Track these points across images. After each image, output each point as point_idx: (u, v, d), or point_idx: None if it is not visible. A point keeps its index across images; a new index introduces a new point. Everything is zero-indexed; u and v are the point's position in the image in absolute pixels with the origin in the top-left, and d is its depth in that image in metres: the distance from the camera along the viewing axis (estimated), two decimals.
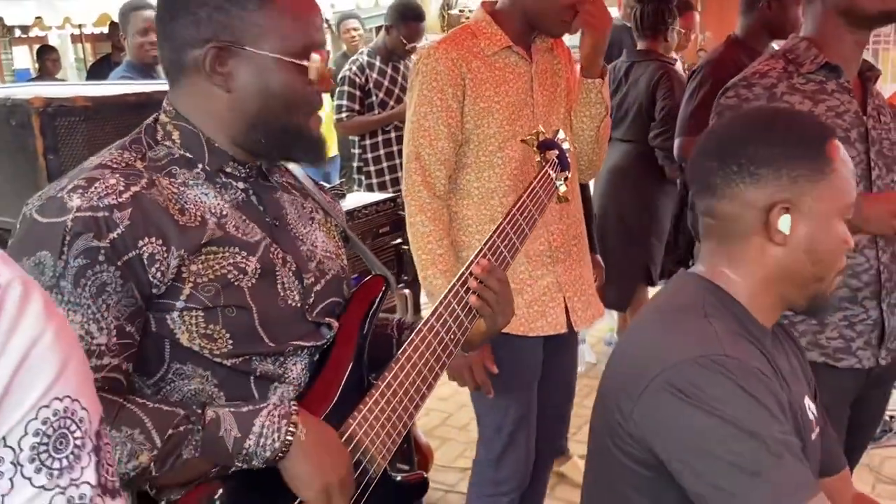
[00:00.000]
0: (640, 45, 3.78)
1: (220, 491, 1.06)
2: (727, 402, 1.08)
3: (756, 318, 1.23)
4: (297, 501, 1.10)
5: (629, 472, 1.17)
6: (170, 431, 1.01)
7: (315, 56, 1.14)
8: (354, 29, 5.25)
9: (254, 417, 1.06)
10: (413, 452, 2.72)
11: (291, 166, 1.33)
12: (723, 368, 1.09)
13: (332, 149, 4.72)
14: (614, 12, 6.06)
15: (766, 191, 1.19)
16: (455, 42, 1.98)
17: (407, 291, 2.53)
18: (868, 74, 1.81)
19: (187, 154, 1.15)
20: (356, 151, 4.11)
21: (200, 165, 1.15)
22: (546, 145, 1.48)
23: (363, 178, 4.04)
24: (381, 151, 4.03)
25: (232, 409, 1.06)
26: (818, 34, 1.78)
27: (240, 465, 1.05)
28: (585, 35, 1.98)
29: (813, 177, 1.18)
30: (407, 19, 3.96)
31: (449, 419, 3.73)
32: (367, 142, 4.03)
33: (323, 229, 1.29)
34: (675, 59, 3.80)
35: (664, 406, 1.10)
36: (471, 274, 1.30)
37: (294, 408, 1.09)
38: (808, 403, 1.27)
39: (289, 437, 1.06)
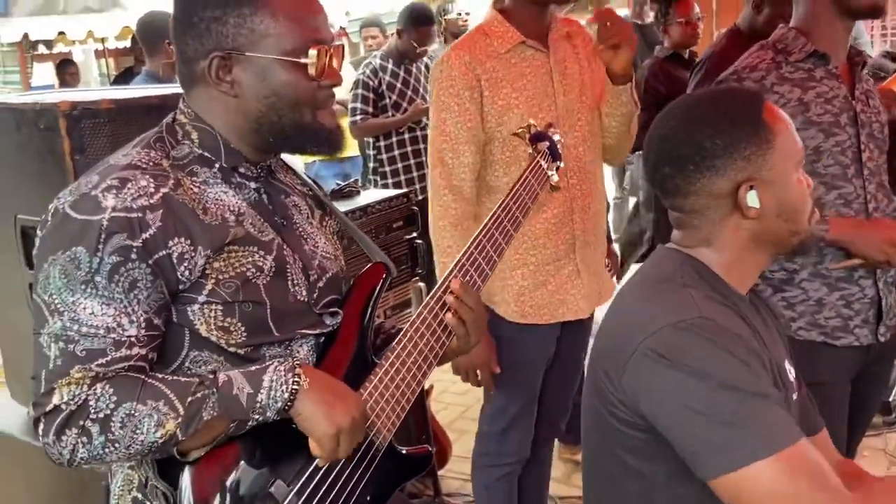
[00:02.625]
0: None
1: (235, 461, 1.15)
2: (706, 360, 1.14)
3: (732, 286, 1.29)
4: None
5: (624, 436, 1.24)
6: (189, 398, 1.09)
7: (312, 52, 1.18)
8: (373, 37, 5.35)
9: (262, 374, 1.13)
10: (430, 435, 2.81)
11: (292, 163, 1.40)
12: (700, 330, 1.16)
13: (353, 149, 4.79)
14: (624, 11, 6.11)
15: (727, 177, 1.25)
16: (468, 45, 2.02)
17: (421, 285, 2.60)
18: (857, 59, 1.86)
19: (206, 153, 1.22)
20: (371, 153, 4.20)
21: (217, 164, 1.22)
22: (537, 137, 1.55)
23: (378, 178, 4.14)
24: (396, 152, 4.13)
25: (241, 371, 1.14)
26: (807, 23, 1.83)
27: (256, 417, 1.13)
28: (621, 52, 1.95)
29: (762, 149, 1.25)
30: (417, 23, 4.05)
31: (467, 412, 3.79)
32: (382, 143, 4.12)
33: (321, 231, 1.36)
34: (686, 53, 3.82)
35: (647, 371, 1.17)
36: (450, 291, 1.32)
37: (297, 362, 1.17)
38: (788, 366, 1.33)
39: (294, 387, 1.13)
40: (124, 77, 5.91)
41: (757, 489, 1.10)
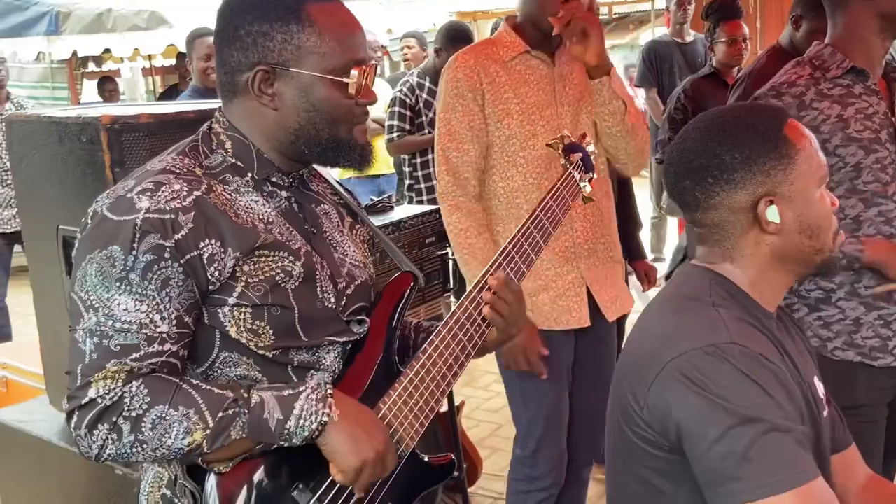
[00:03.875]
0: None
1: (262, 466, 1.17)
2: (731, 389, 1.12)
3: (760, 304, 1.28)
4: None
5: (647, 455, 1.22)
6: (220, 414, 1.11)
7: (354, 72, 1.22)
8: (410, 47, 5.41)
9: (294, 401, 1.15)
10: (460, 450, 2.79)
11: (324, 173, 1.42)
12: (729, 356, 1.14)
13: (388, 166, 4.83)
14: (663, 30, 6.07)
15: (746, 191, 1.24)
16: (474, 51, 2.14)
17: (453, 300, 2.60)
18: (893, 76, 1.84)
19: (238, 163, 1.25)
20: (407, 170, 4.24)
21: (250, 174, 1.25)
22: (571, 148, 1.55)
23: (413, 195, 4.16)
24: (431, 169, 4.14)
25: (275, 393, 1.16)
26: (844, 39, 1.81)
27: (282, 443, 1.15)
28: (587, 39, 1.97)
29: (782, 164, 1.24)
30: (455, 41, 4.07)
31: (499, 430, 3.78)
32: (418, 160, 4.15)
33: (351, 240, 1.38)
34: (734, 72, 3.79)
35: (673, 393, 1.16)
36: (488, 287, 1.35)
37: (330, 391, 1.18)
38: (817, 382, 1.30)
39: (324, 419, 1.15)
40: (169, 94, 6.04)
41: None
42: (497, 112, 2.07)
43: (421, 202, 4.08)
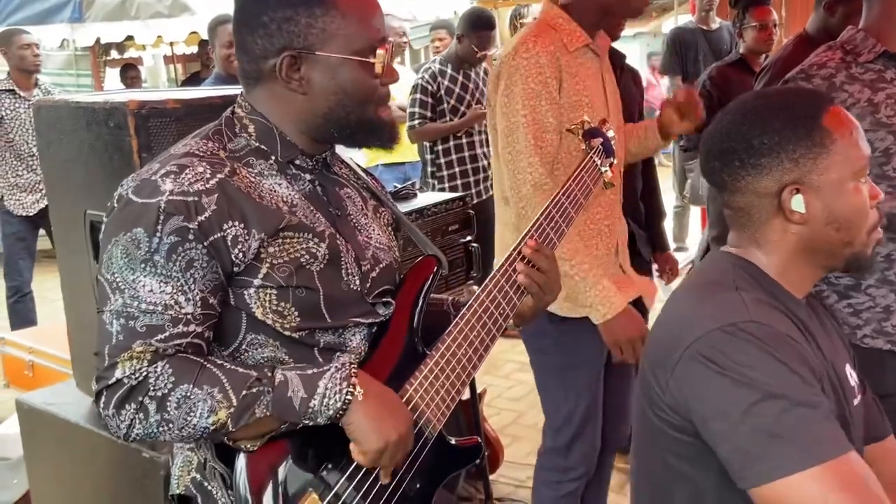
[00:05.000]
0: None
1: (291, 447, 1.17)
2: (753, 367, 1.11)
3: (788, 291, 1.26)
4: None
5: (671, 440, 1.22)
6: (244, 392, 1.11)
7: (380, 52, 1.23)
8: (441, 39, 5.36)
9: (318, 379, 1.15)
10: (483, 436, 2.80)
11: (347, 158, 1.43)
12: (749, 335, 1.13)
13: (412, 153, 4.82)
14: (686, 17, 6.02)
15: (772, 177, 1.22)
16: (549, 37, 1.98)
17: (475, 288, 2.60)
18: None
19: (262, 146, 1.25)
20: (429, 157, 4.23)
21: (273, 157, 1.25)
22: (591, 133, 1.55)
23: (436, 182, 4.16)
24: (454, 156, 4.14)
25: (299, 372, 1.16)
26: (876, 24, 1.79)
27: (306, 421, 1.15)
28: (684, 121, 2.17)
29: (813, 153, 1.21)
30: (477, 28, 4.05)
31: (520, 418, 3.78)
32: (440, 147, 4.14)
33: (376, 223, 1.38)
34: (761, 58, 3.75)
35: (695, 375, 1.14)
36: (519, 254, 1.36)
37: (354, 370, 1.18)
38: (850, 371, 1.29)
39: (348, 398, 1.15)
40: (191, 81, 6.07)
41: (798, 500, 1.06)
42: (571, 103, 1.97)
43: (443, 189, 4.07)
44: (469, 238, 2.75)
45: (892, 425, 1.46)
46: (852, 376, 1.30)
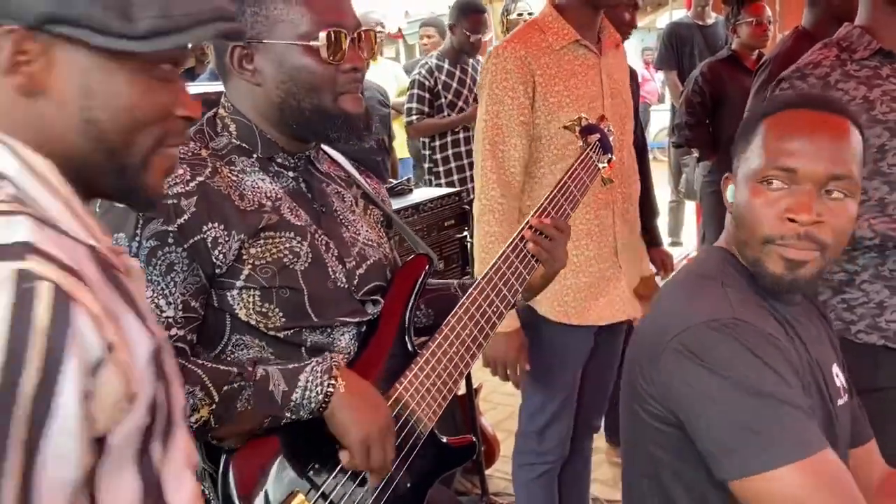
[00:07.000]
0: None
1: (278, 447, 1.17)
2: (733, 362, 1.12)
3: None
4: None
5: (654, 430, 1.23)
6: (225, 388, 1.11)
7: (322, 34, 1.19)
8: (429, 36, 5.37)
9: (299, 373, 1.16)
10: (478, 432, 2.81)
11: (338, 157, 1.42)
12: (731, 331, 1.14)
13: (402, 151, 4.82)
14: (683, 12, 6.01)
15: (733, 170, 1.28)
16: (523, 39, 2.00)
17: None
18: None
19: (243, 144, 1.25)
20: (426, 153, 4.22)
21: (255, 155, 1.25)
22: (588, 129, 1.55)
23: (433, 178, 4.16)
24: (450, 152, 4.14)
25: (280, 367, 1.16)
26: (872, 21, 1.79)
27: (289, 415, 1.15)
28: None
29: (740, 146, 1.28)
30: (467, 12, 4.06)
31: (516, 413, 3.78)
32: (437, 143, 4.14)
33: (364, 220, 1.37)
34: (754, 55, 3.74)
35: (677, 367, 1.16)
36: (529, 226, 1.37)
37: (335, 362, 1.18)
38: (836, 371, 1.29)
39: (329, 390, 1.15)
40: (185, 76, 6.05)
41: (775, 495, 1.08)
42: (549, 106, 1.97)
43: (440, 185, 4.07)
44: (465, 234, 2.76)
45: (888, 419, 1.47)
46: (839, 377, 1.31)
